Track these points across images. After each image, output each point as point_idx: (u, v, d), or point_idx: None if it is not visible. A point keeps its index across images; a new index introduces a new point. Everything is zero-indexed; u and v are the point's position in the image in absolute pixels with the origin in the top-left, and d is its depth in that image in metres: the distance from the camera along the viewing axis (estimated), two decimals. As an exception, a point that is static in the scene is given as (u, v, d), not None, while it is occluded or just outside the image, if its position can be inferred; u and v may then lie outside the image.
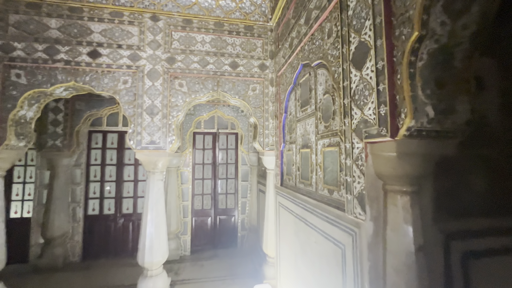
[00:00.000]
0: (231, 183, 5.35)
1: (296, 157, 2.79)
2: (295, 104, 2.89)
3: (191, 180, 5.13)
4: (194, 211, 5.14)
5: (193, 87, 3.47)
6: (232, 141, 5.42)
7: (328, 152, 2.04)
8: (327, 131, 2.05)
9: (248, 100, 3.63)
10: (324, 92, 2.12)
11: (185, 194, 5.08)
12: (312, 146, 2.35)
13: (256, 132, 3.71)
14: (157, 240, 3.25)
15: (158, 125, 3.28)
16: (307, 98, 2.51)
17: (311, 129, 2.40)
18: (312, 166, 2.35)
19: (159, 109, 3.30)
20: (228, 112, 5.29)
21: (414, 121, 1.20)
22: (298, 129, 2.77)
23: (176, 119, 3.38)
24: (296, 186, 2.76)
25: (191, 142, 5.18)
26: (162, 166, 3.41)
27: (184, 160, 5.11)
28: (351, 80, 1.62)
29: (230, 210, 5.30)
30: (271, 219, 3.62)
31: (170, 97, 3.37)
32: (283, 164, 3.33)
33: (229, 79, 3.58)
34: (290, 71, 2.97)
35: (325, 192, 2.07)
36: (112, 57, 3.19)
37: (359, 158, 1.53)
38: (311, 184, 2.35)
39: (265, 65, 3.67)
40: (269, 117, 3.65)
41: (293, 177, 2.89)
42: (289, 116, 3.10)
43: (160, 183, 3.42)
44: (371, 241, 1.45)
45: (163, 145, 3.28)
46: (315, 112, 2.30)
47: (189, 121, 5.13)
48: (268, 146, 3.62)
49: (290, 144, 3.03)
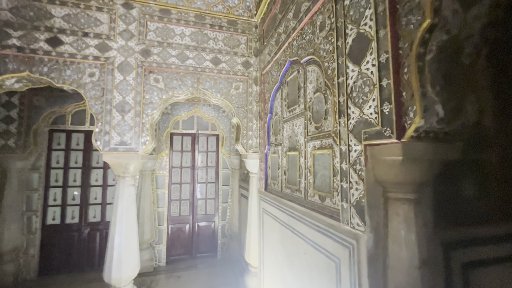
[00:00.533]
0: (211, 188, 5.05)
1: (282, 160, 2.61)
2: (281, 104, 2.73)
3: (167, 184, 4.76)
4: (171, 218, 4.77)
5: (170, 83, 3.17)
6: (213, 143, 5.14)
7: (319, 155, 1.88)
8: (318, 133, 1.89)
9: (231, 99, 3.40)
10: (314, 91, 1.97)
11: (161, 200, 4.69)
12: (301, 148, 2.18)
13: (239, 133, 3.49)
14: (127, 252, 2.89)
15: (130, 124, 2.94)
16: (295, 97, 2.35)
17: (299, 131, 2.24)
18: (300, 170, 2.18)
19: (131, 106, 2.96)
20: (209, 112, 5.02)
21: (423, 121, 1.06)
22: (284, 131, 2.60)
23: (151, 117, 3.06)
24: (282, 191, 2.58)
25: (168, 144, 4.83)
26: (134, 169, 3.07)
27: (160, 163, 4.74)
28: (348, 76, 1.47)
29: (210, 216, 5.00)
30: (254, 226, 3.41)
31: (144, 93, 3.05)
32: (268, 167, 3.14)
33: (211, 76, 3.33)
34: (276, 69, 2.80)
35: (315, 199, 1.91)
36: (76, 46, 2.80)
37: (357, 162, 1.38)
38: (299, 190, 2.18)
39: (249, 62, 3.47)
40: (253, 117, 3.46)
41: (278, 181, 2.71)
42: (275, 116, 2.93)
43: (131, 189, 3.07)
44: (372, 255, 1.29)
45: (135, 146, 2.95)
46: (305, 112, 2.14)
47: (166, 121, 4.77)
48: (252, 149, 3.42)
49: (276, 146, 2.85)
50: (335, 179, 1.65)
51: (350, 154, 1.44)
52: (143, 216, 4.29)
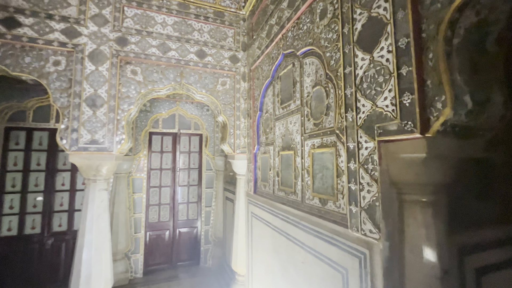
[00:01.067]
0: (193, 191, 4.74)
1: (275, 161, 2.43)
2: (273, 100, 2.55)
3: (145, 188, 4.38)
4: (149, 225, 4.38)
5: (150, 76, 2.87)
6: (196, 143, 4.84)
7: (319, 154, 1.72)
8: (318, 130, 1.74)
9: (217, 95, 3.17)
10: (313, 84, 1.81)
11: (138, 205, 4.30)
12: (297, 147, 2.02)
13: (225, 132, 3.26)
14: (98, 266, 2.54)
15: (102, 121, 2.60)
16: (289, 93, 2.19)
17: (294, 128, 2.07)
18: (296, 171, 2.01)
19: (105, 100, 2.62)
20: (192, 110, 4.72)
21: (453, 113, 0.93)
22: (277, 129, 2.43)
23: (127, 114, 2.74)
24: (275, 194, 2.40)
25: (147, 144, 4.45)
26: (108, 172, 2.72)
27: (137, 164, 4.35)
28: (356, 65, 1.32)
29: (192, 221, 4.68)
30: (241, 232, 3.19)
31: (119, 86, 2.72)
32: (257, 168, 2.94)
33: (195, 70, 3.08)
34: (267, 63, 2.63)
35: (315, 202, 1.74)
36: (38, 29, 2.42)
37: (369, 161, 1.23)
38: (295, 192, 2.01)
39: (237, 57, 3.27)
40: (240, 115, 3.25)
41: (270, 183, 2.53)
42: (265, 114, 2.75)
43: (103, 194, 2.71)
44: (388, 266, 1.14)
45: (108, 145, 2.61)
46: (301, 108, 1.98)
47: (145, 118, 4.40)
48: (240, 149, 3.21)
49: (267, 146, 2.67)
50: (339, 180, 1.50)
51: (359, 152, 1.29)
52: (117, 224, 3.88)
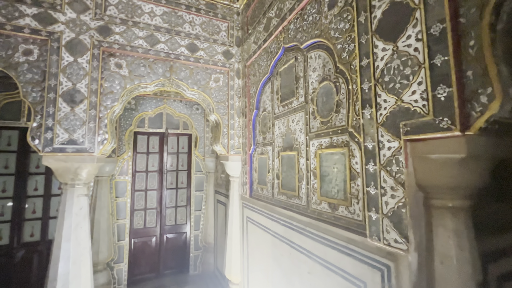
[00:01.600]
0: (182, 194, 4.49)
1: (274, 162, 2.28)
2: (271, 98, 2.40)
3: (130, 192, 4.08)
4: (134, 231, 4.08)
5: (136, 70, 2.63)
6: (185, 144, 4.59)
7: (327, 155, 1.59)
8: (326, 128, 1.60)
9: (210, 92, 2.97)
10: (320, 79, 1.68)
11: (122, 210, 3.99)
12: (300, 147, 1.88)
13: (218, 132, 3.07)
14: (76, 282, 2.26)
15: (82, 118, 2.33)
16: (291, 89, 2.05)
17: (297, 127, 1.93)
18: (300, 173, 1.87)
19: (84, 95, 2.35)
20: (180, 109, 4.47)
21: (499, 108, 0.82)
22: (276, 128, 2.28)
23: (111, 111, 2.48)
24: (274, 197, 2.25)
25: (131, 144, 4.15)
26: (88, 175, 2.45)
27: (121, 167, 4.04)
28: (376, 56, 1.20)
29: (181, 226, 4.42)
30: (235, 237, 3.00)
31: (102, 81, 2.46)
32: (253, 170, 2.78)
33: (186, 65, 2.87)
34: (265, 58, 2.47)
35: (323, 207, 1.60)
36: (5, 13, 2.12)
37: (393, 162, 1.10)
38: (299, 196, 1.87)
39: (231, 52, 3.09)
40: (234, 114, 3.07)
41: (269, 186, 2.37)
42: (262, 112, 2.59)
43: (83, 200, 2.44)
44: (417, 280, 1.02)
45: (89, 146, 2.34)
46: (305, 105, 1.84)
47: (129, 117, 4.10)
48: (234, 149, 3.02)
49: (264, 146, 2.51)
50: (353, 183, 1.37)
51: (380, 152, 1.16)
52: (98, 232, 3.56)
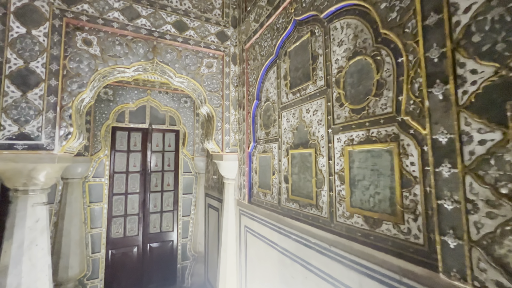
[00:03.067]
0: (168, 197, 4.00)
1: (281, 162, 1.88)
2: (277, 84, 2.00)
3: (107, 196, 3.55)
4: (111, 241, 3.56)
5: (110, 49, 2.14)
6: (171, 141, 4.10)
7: (362, 152, 1.20)
8: (360, 118, 1.22)
9: (201, 80, 2.53)
10: (350, 55, 1.29)
11: (97, 218, 3.46)
12: (319, 144, 1.49)
13: (211, 127, 2.63)
14: (30, 314, 1.77)
15: (37, 106, 1.83)
16: (305, 72, 1.65)
17: (315, 118, 1.54)
18: (319, 175, 1.48)
19: (41, 77, 1.85)
20: (166, 102, 3.97)
21: None
22: (284, 121, 1.88)
23: (78, 98, 1.99)
24: (281, 205, 1.85)
25: (109, 141, 3.62)
26: (47, 179, 1.95)
27: (96, 167, 3.50)
28: (455, 8, 0.82)
29: (167, 234, 3.94)
30: (231, 249, 2.58)
31: (66, 60, 1.97)
32: (253, 171, 2.37)
33: (173, 46, 2.41)
34: (269, 38, 2.06)
35: (355, 221, 1.22)
36: None
37: (491, 164, 0.73)
38: (317, 206, 1.48)
39: (226, 34, 2.66)
40: (230, 106, 2.64)
41: (274, 191, 1.97)
42: (265, 103, 2.18)
43: (40, 210, 1.94)
44: None
45: (47, 142, 1.85)
46: (326, 90, 1.45)
47: (106, 110, 3.56)
48: (229, 147, 2.60)
49: (267, 143, 2.10)
50: (406, 192, 0.99)
51: (465, 149, 0.78)
52: (68, 244, 3.02)
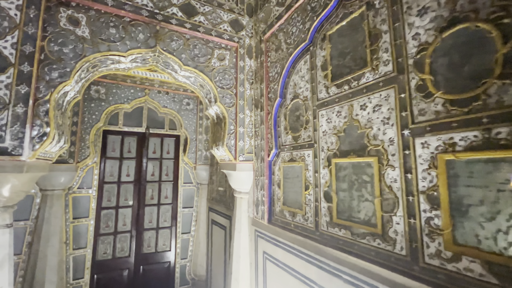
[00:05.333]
0: (166, 212, 3.52)
1: (319, 174, 1.47)
2: (310, 77, 1.61)
3: (94, 210, 3.05)
4: (98, 264, 3.04)
5: (103, 31, 1.74)
6: (171, 148, 3.65)
7: (474, 163, 0.80)
8: (469, 113, 0.82)
9: (211, 74, 2.13)
10: (444, 25, 0.91)
11: (81, 237, 2.94)
12: (385, 150, 1.09)
13: (222, 130, 2.21)
14: None
15: (1, 98, 1.39)
16: (356, 57, 1.27)
17: (376, 116, 1.15)
18: (386, 194, 1.07)
19: (10, 61, 1.43)
20: (166, 103, 3.54)
21: None
22: (322, 121, 1.48)
23: (57, 91, 1.56)
24: (320, 230, 1.42)
25: (99, 147, 3.15)
26: (12, 194, 1.51)
27: (83, 176, 3.01)
28: None
29: (163, 254, 3.43)
30: (244, 278, 2.12)
31: (44, 41, 1.55)
32: (274, 184, 1.94)
33: (180, 33, 2.01)
34: (300, 21, 1.69)
35: (465, 268, 0.80)
36: None
37: None
38: (387, 237, 1.06)
39: (240, 23, 2.28)
40: (245, 106, 2.24)
41: (307, 211, 1.54)
42: (292, 101, 1.79)
43: (1, 235, 1.48)
44: None
45: (12, 144, 1.41)
46: (397, 77, 1.06)
47: (96, 110, 3.10)
48: (243, 154, 2.17)
49: (296, 150, 1.69)
50: None
51: None
52: (43, 270, 2.49)
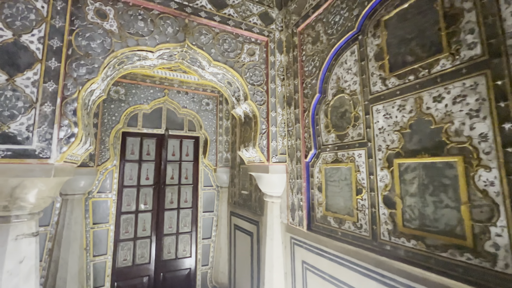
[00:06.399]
0: (186, 216, 3.38)
1: (375, 176, 1.30)
2: (360, 69, 1.45)
3: (113, 215, 2.94)
4: (118, 272, 2.92)
5: (131, 24, 1.63)
6: (190, 150, 3.53)
7: None
8: None
9: (242, 70, 1.99)
10: None
11: (101, 243, 2.83)
12: (474, 148, 0.92)
13: (252, 130, 2.07)
14: None
15: (28, 96, 1.29)
16: (425, 43, 1.11)
17: (459, 109, 0.99)
18: (477, 200, 0.90)
19: (37, 56, 1.33)
20: (186, 103, 3.42)
21: None
22: (378, 117, 1.32)
23: (85, 89, 1.45)
24: (379, 240, 1.25)
25: (118, 149, 3.05)
26: (39, 200, 1.39)
27: (102, 180, 2.91)
28: None
29: (183, 260, 3.29)
30: (278, 290, 1.95)
31: (72, 35, 1.44)
32: (313, 187, 1.78)
33: (209, 27, 1.89)
34: (345, 8, 1.54)
35: None
36: None
37: None
38: (480, 251, 0.89)
39: (270, 16, 2.15)
40: (277, 104, 2.09)
41: (360, 218, 1.38)
42: (335, 97, 1.63)
43: (28, 246, 1.37)
44: None
45: (40, 146, 1.29)
46: (490, 61, 0.90)
47: (116, 111, 3.01)
48: (276, 155, 2.02)
49: (341, 150, 1.54)
50: None
51: None
52: (64, 278, 2.38)
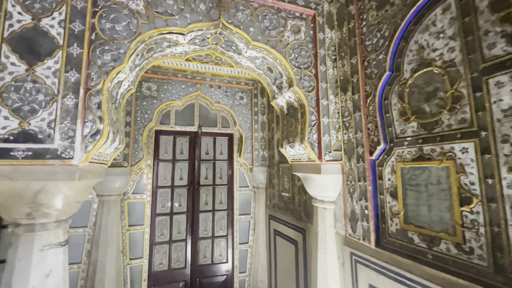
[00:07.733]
0: (221, 219, 3.19)
1: (502, 181, 0.88)
2: (460, 29, 1.03)
3: (148, 217, 2.84)
4: (154, 276, 2.82)
5: (159, 3, 1.40)
6: (224, 148, 3.32)
7: None
8: None
9: (286, 51, 1.67)
10: None
11: (137, 246, 2.75)
12: None
13: (299, 122, 1.73)
14: None
15: (49, 87, 1.12)
16: None
17: None
18: None
19: (58, 43, 1.15)
20: (219, 98, 3.21)
21: None
22: (503, 94, 0.90)
23: (111, 77, 1.25)
24: (510, 275, 0.84)
25: (152, 148, 2.94)
26: (66, 205, 1.24)
27: (137, 180, 2.82)
28: None
29: (219, 266, 3.10)
30: (335, 316, 1.60)
31: (95, 17, 1.25)
32: (382, 193, 1.39)
33: (247, 1, 1.60)
34: None
35: None
36: None
37: None
38: None
39: (317, -15, 1.78)
40: (328, 90, 1.72)
41: (467, 237, 0.97)
42: (416, 73, 1.22)
43: (54, 258, 1.21)
44: None
45: (63, 145, 1.11)
46: None
47: (149, 109, 2.89)
48: (331, 152, 1.66)
49: (428, 143, 1.13)
50: None
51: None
52: (102, 282, 2.31)
